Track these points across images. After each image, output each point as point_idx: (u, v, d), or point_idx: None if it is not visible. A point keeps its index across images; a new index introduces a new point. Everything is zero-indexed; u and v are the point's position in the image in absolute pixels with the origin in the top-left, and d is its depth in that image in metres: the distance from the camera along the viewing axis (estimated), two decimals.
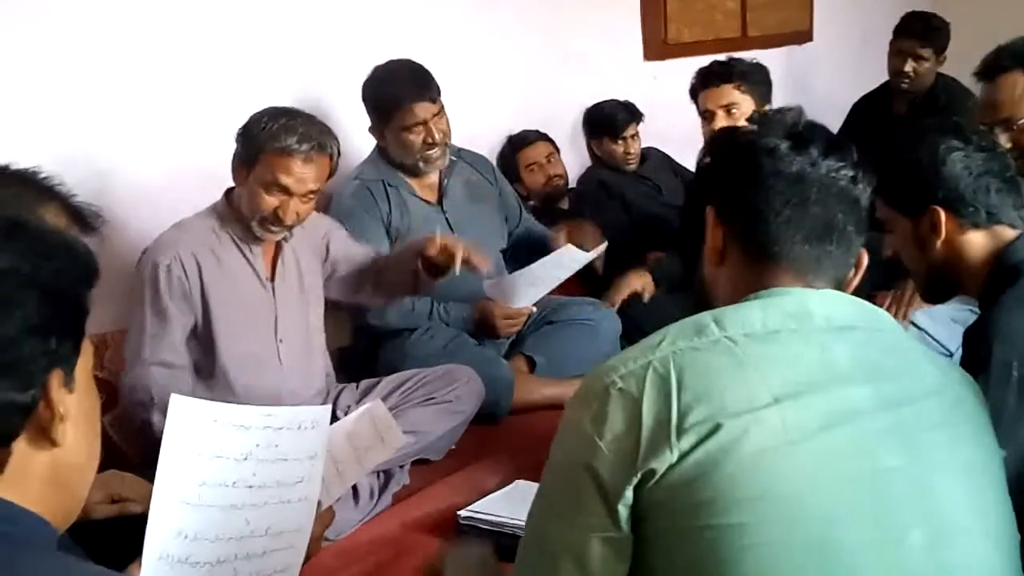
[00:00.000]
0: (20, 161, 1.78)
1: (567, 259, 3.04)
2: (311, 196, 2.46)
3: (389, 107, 3.06)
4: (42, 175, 1.72)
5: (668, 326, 1.21)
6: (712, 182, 1.35)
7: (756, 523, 1.08)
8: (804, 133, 1.30)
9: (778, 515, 1.08)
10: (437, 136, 3.08)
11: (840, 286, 1.30)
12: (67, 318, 0.95)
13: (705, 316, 1.21)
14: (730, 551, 1.07)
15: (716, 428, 1.09)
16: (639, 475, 1.11)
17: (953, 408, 1.23)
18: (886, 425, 1.16)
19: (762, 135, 1.31)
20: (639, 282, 3.41)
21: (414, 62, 3.12)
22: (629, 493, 1.12)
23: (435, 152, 3.11)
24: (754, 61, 3.32)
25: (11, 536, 0.90)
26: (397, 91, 3.05)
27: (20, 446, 0.92)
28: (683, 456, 1.09)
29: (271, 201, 2.41)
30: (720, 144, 1.39)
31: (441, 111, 3.10)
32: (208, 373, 2.51)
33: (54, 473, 0.96)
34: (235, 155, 2.47)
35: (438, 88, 3.09)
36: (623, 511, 1.12)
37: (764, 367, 1.15)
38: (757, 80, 3.24)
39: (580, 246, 3.10)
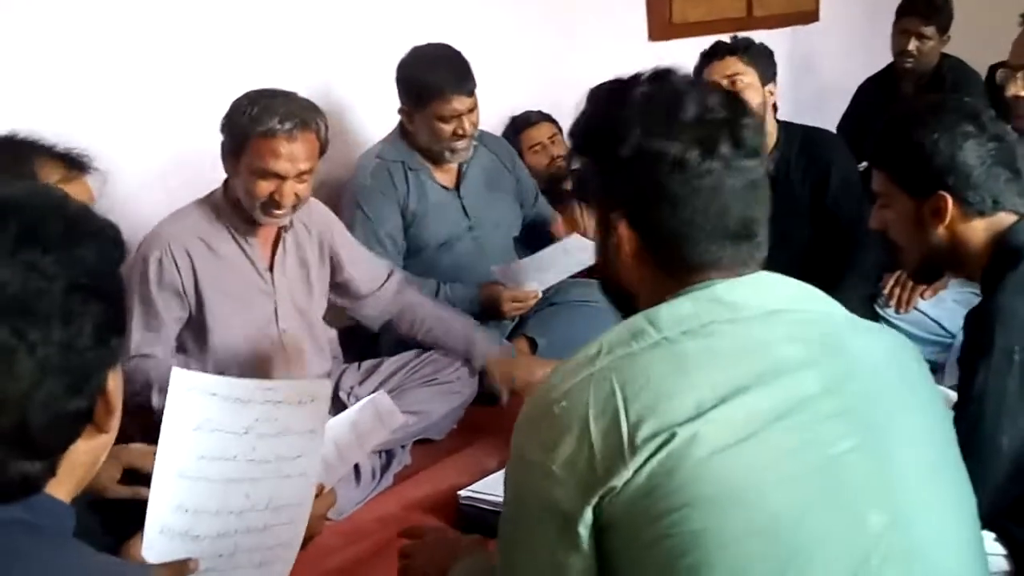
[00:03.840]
0: None
1: (572, 247, 3.04)
2: (305, 176, 2.42)
3: (428, 93, 3.02)
4: (21, 135, 1.73)
5: (604, 333, 1.18)
6: (612, 188, 1.25)
7: (716, 526, 1.06)
8: (707, 129, 1.20)
9: (737, 515, 1.07)
10: (468, 129, 3.07)
11: (766, 265, 1.26)
12: (120, 315, 0.96)
13: (639, 319, 1.17)
14: (694, 556, 1.06)
15: (671, 437, 1.07)
16: (597, 495, 1.09)
17: (897, 378, 1.21)
18: (833, 408, 1.14)
19: (662, 139, 1.19)
20: None
21: (456, 50, 3.09)
22: (588, 514, 1.10)
23: (462, 144, 3.10)
24: (759, 43, 3.30)
25: (32, 524, 0.92)
26: (439, 80, 3.01)
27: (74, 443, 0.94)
28: (638, 470, 1.07)
29: (266, 187, 2.38)
30: (612, 142, 1.23)
31: (475, 105, 3.08)
32: (203, 362, 2.49)
33: (91, 455, 0.98)
34: (223, 146, 2.44)
35: (475, 82, 3.07)
36: (584, 532, 1.11)
37: (706, 366, 1.12)
38: (760, 55, 3.23)
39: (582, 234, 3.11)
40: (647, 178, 1.21)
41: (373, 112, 3.23)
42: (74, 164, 1.72)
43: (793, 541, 1.08)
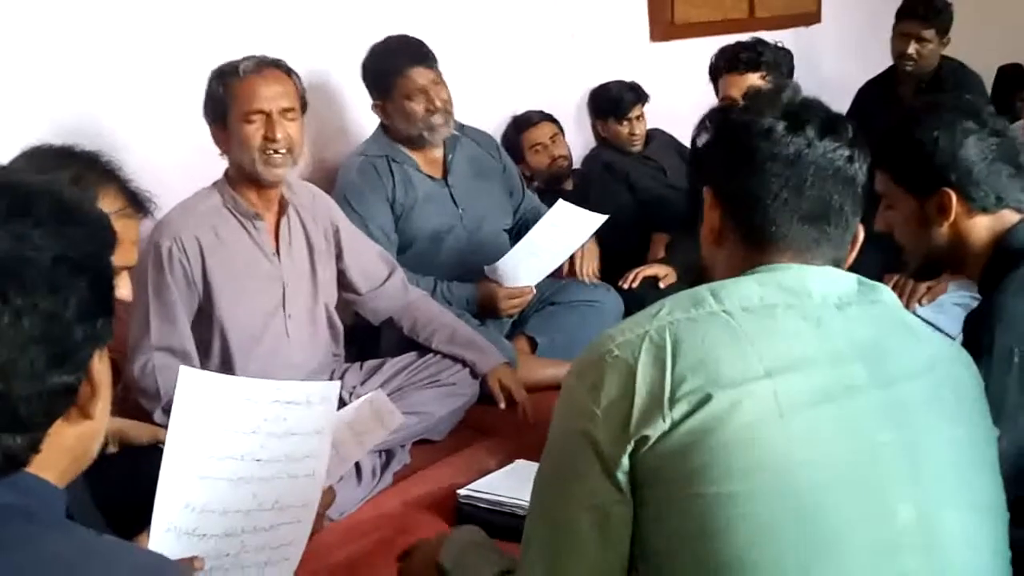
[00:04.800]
0: (26, 139, 1.80)
1: (560, 218, 3.03)
2: (290, 114, 2.47)
3: (388, 77, 3.07)
4: (104, 158, 1.78)
5: (666, 298, 1.23)
6: (708, 163, 1.35)
7: (746, 493, 1.09)
8: (800, 112, 1.29)
9: (768, 486, 1.10)
10: (438, 103, 3.08)
11: (838, 265, 1.31)
12: (106, 297, 0.96)
13: (702, 289, 1.22)
14: (721, 519, 1.09)
15: (708, 398, 1.11)
16: (633, 442, 1.12)
17: (945, 385, 1.24)
18: (878, 402, 1.17)
19: (757, 114, 1.29)
20: (661, 270, 3.41)
21: (408, 35, 3.14)
22: (625, 460, 1.13)
23: (438, 119, 3.10)
24: (779, 44, 3.27)
25: (25, 508, 0.92)
26: (394, 60, 3.07)
27: (56, 424, 0.94)
28: (675, 424, 1.11)
29: (256, 130, 2.44)
30: (714, 123, 1.38)
31: (440, 79, 3.11)
32: (210, 350, 2.51)
33: (79, 442, 0.98)
34: (211, 127, 2.51)
35: (434, 57, 3.11)
36: (622, 477, 1.14)
37: (759, 341, 1.16)
38: (782, 68, 3.20)
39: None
40: (735, 144, 1.30)
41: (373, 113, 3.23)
42: (136, 203, 1.79)
43: (821, 522, 1.10)
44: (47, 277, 0.89)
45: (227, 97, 2.46)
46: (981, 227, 1.74)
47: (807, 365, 1.15)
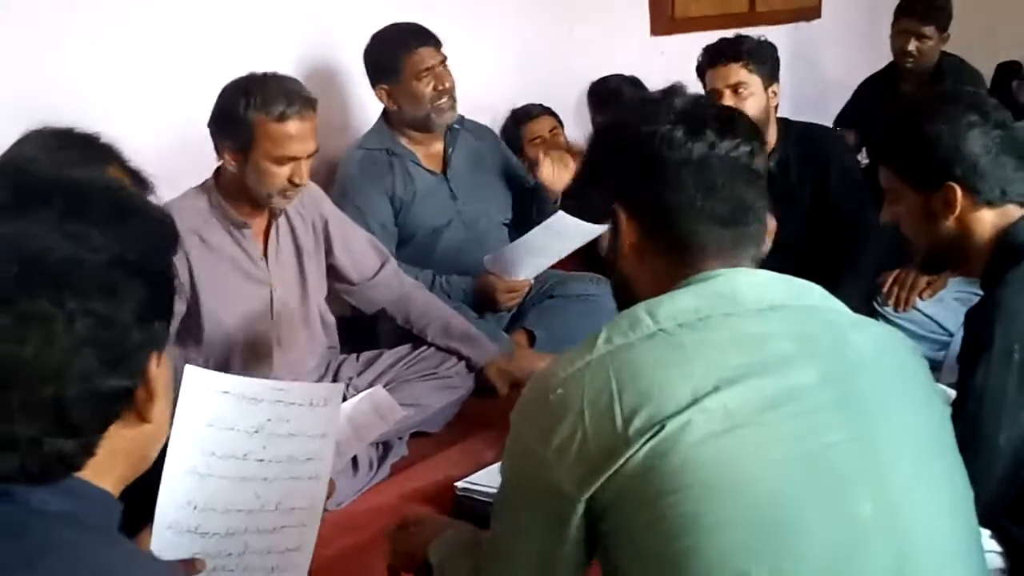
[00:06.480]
0: (14, 131, 1.80)
1: (558, 226, 3.03)
2: (313, 154, 2.46)
3: (396, 56, 3.06)
4: (102, 139, 1.80)
5: (605, 324, 1.21)
6: (613, 179, 1.33)
7: (707, 510, 1.09)
8: (694, 115, 1.28)
9: (728, 499, 1.09)
10: (447, 84, 3.08)
11: (759, 261, 1.30)
12: (165, 299, 0.96)
13: (638, 309, 1.20)
14: (686, 539, 1.08)
15: (661, 428, 1.10)
16: (592, 488, 1.12)
17: (892, 373, 1.24)
18: (828, 401, 1.16)
19: (651, 123, 1.27)
20: None
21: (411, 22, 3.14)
22: (582, 505, 1.13)
23: (445, 102, 3.10)
24: (762, 38, 3.27)
25: (75, 515, 0.91)
26: (401, 42, 3.06)
27: (113, 427, 0.93)
28: (631, 456, 1.10)
29: (284, 172, 2.40)
30: (610, 138, 1.35)
31: (446, 62, 3.10)
32: (198, 353, 2.48)
33: (136, 446, 0.97)
34: (222, 139, 2.43)
35: (439, 40, 3.10)
36: (575, 520, 1.14)
37: (702, 356, 1.15)
38: (765, 59, 3.19)
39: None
40: (639, 157, 1.28)
41: (377, 106, 3.22)
42: (139, 182, 1.79)
43: (782, 527, 1.10)
44: (103, 280, 0.88)
45: (257, 132, 2.36)
46: (986, 221, 1.73)
47: (753, 373, 1.14)
